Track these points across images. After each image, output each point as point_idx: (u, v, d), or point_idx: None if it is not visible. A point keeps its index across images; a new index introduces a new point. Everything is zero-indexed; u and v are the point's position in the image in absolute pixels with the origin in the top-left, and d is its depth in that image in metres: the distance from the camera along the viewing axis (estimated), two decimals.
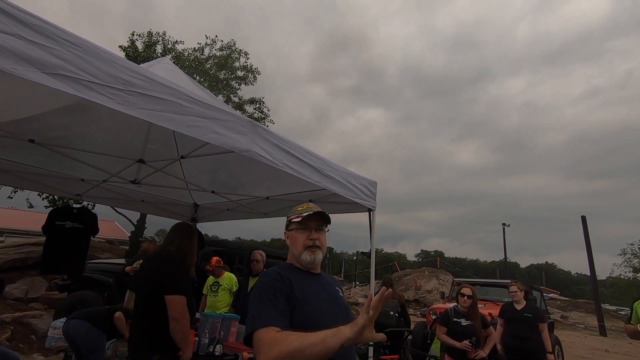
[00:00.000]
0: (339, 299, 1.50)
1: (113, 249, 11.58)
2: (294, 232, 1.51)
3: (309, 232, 1.47)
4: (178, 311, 2.34)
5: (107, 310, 3.56)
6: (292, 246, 1.51)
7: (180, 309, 2.36)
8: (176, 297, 2.35)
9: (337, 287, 1.54)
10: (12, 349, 5.09)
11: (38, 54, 1.39)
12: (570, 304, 30.90)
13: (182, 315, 2.35)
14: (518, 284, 4.53)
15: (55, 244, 4.47)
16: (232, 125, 2.14)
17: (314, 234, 1.47)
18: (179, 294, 2.37)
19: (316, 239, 1.47)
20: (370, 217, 3.69)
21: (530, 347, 4.19)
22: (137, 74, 1.72)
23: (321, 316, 1.32)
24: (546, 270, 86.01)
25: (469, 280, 10.37)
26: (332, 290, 1.50)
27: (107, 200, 5.07)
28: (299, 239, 1.48)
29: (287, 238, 1.57)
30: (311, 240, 1.46)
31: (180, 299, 2.37)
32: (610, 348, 13.52)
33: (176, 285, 2.41)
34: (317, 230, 1.50)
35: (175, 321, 2.33)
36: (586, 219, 22.82)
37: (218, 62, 16.20)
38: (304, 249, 1.45)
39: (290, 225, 1.54)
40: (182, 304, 2.37)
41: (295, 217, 1.50)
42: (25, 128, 2.75)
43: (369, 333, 1.08)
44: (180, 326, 2.34)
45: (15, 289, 7.67)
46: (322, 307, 1.37)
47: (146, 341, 2.43)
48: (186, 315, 2.38)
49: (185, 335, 2.39)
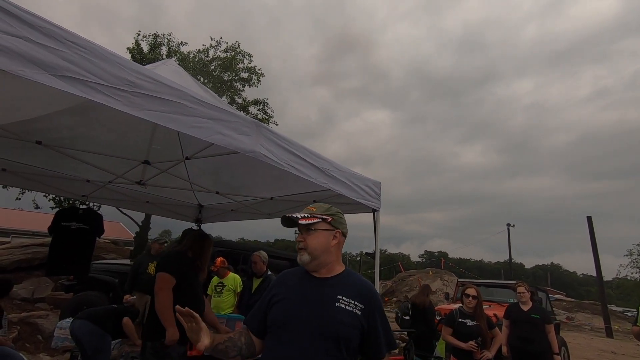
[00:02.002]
0: (327, 309, 1.34)
1: (118, 250, 11.64)
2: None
3: (297, 236, 1.50)
4: (158, 286, 2.48)
5: (113, 310, 3.58)
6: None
7: (161, 284, 2.49)
8: (160, 274, 2.51)
9: (342, 296, 1.37)
10: (19, 348, 5.13)
11: (45, 56, 1.40)
12: (576, 305, 30.64)
13: (161, 289, 2.47)
14: (525, 285, 4.49)
15: (61, 245, 4.51)
16: (237, 126, 2.15)
17: (299, 235, 1.48)
18: (163, 271, 2.52)
19: (300, 240, 1.46)
20: (375, 218, 3.68)
21: (537, 349, 4.15)
22: (143, 76, 1.73)
23: (284, 319, 1.38)
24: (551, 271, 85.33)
25: (473, 281, 10.31)
26: (324, 296, 1.38)
27: (113, 201, 5.11)
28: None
29: None
30: (298, 242, 1.49)
31: (162, 275, 2.50)
32: (617, 350, 13.37)
33: (164, 265, 2.57)
34: (306, 231, 1.46)
35: (155, 295, 2.48)
36: (592, 219, 22.63)
37: (222, 63, 16.27)
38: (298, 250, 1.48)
39: None
40: (162, 279, 2.49)
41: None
42: (32, 130, 2.77)
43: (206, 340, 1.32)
44: (157, 299, 2.47)
45: (22, 290, 7.73)
46: (289, 310, 1.38)
47: (146, 327, 2.59)
48: (165, 291, 2.47)
49: (163, 312, 2.45)
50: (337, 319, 1.33)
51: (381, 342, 1.41)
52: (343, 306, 1.35)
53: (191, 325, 1.30)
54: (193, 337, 1.31)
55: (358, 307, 1.37)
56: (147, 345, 2.49)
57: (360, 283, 1.46)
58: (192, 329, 1.31)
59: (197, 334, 1.31)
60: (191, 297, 2.60)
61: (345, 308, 1.35)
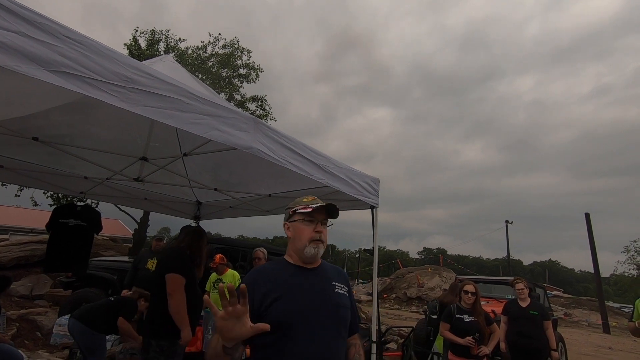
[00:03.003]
0: (331, 296, 1.39)
1: (117, 247, 11.64)
2: (298, 224, 1.42)
3: (315, 225, 1.40)
4: (171, 287, 2.50)
5: (107, 306, 3.52)
6: (296, 238, 1.42)
7: (174, 285, 2.51)
8: (171, 275, 2.53)
9: (335, 282, 1.45)
10: (18, 345, 5.13)
11: (41, 52, 1.39)
12: (574, 302, 30.77)
13: (175, 291, 2.50)
14: (524, 281, 4.51)
15: (59, 242, 4.50)
16: (235, 123, 2.14)
17: (320, 226, 1.41)
18: (174, 272, 2.54)
19: (321, 231, 1.41)
20: (373, 214, 3.68)
21: (535, 345, 4.17)
22: (140, 72, 1.72)
23: (295, 315, 1.28)
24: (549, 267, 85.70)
25: (471, 278, 10.35)
26: (324, 284, 1.41)
27: (111, 198, 5.10)
28: (305, 232, 1.40)
29: (287, 229, 1.47)
30: (317, 232, 1.39)
31: (174, 276, 2.53)
32: (614, 345, 13.46)
33: (172, 265, 2.59)
34: (325, 223, 1.44)
35: (169, 296, 2.49)
36: (590, 216, 22.72)
37: (220, 60, 16.20)
38: (309, 242, 1.38)
39: (293, 216, 1.45)
40: (175, 281, 2.52)
41: (303, 207, 1.42)
42: (29, 126, 2.76)
43: (241, 328, 1.08)
44: (173, 301, 2.48)
45: (20, 287, 7.73)
46: (298, 305, 1.30)
47: (149, 325, 2.59)
48: (179, 293, 2.51)
49: (178, 312, 2.49)
50: (340, 304, 1.41)
51: (356, 316, 1.56)
52: (339, 290, 1.44)
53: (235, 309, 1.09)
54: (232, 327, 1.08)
55: (345, 289, 1.48)
56: (152, 344, 2.48)
57: (336, 268, 1.58)
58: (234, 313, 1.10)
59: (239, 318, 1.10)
60: (192, 294, 2.63)
61: (341, 292, 1.44)
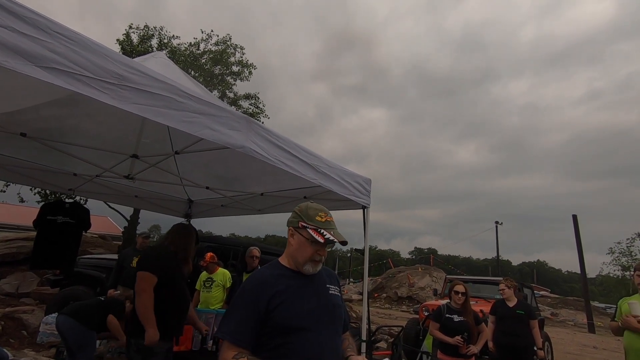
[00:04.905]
0: (328, 298, 1.49)
1: (106, 244, 11.48)
2: (305, 241, 1.45)
3: (319, 248, 1.45)
4: (139, 286, 2.46)
5: (98, 305, 3.51)
6: (297, 252, 1.46)
7: (142, 284, 2.46)
8: (141, 273, 2.48)
9: (329, 284, 1.53)
10: (3, 344, 5.05)
11: (30, 47, 1.37)
12: (561, 302, 31.28)
13: (143, 290, 2.45)
14: (507, 282, 4.59)
15: (46, 239, 4.43)
16: (227, 121, 2.14)
17: (324, 250, 1.47)
18: (145, 270, 2.49)
19: (323, 255, 1.48)
20: (365, 214, 3.70)
21: (522, 344, 4.26)
22: (132, 69, 1.70)
23: (298, 319, 1.37)
24: (537, 268, 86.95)
25: (460, 278, 10.46)
26: (321, 287, 1.50)
27: (100, 196, 5.03)
28: (308, 250, 1.44)
29: (290, 235, 1.51)
30: (319, 255, 1.46)
31: (144, 274, 2.48)
32: (599, 345, 13.74)
33: (144, 263, 2.54)
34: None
35: (137, 294, 2.46)
36: (577, 218, 23.11)
37: (213, 57, 16.09)
38: (309, 260, 1.45)
39: (302, 230, 1.47)
40: (144, 279, 2.46)
41: (316, 234, 1.44)
42: (17, 121, 2.71)
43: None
44: (139, 300, 2.44)
45: (6, 284, 7.61)
46: (300, 309, 1.38)
47: (129, 324, 2.58)
48: (146, 292, 2.45)
49: (144, 312, 2.42)
50: (337, 305, 1.52)
51: (347, 314, 1.66)
52: (333, 292, 1.54)
53: None
54: None
55: (337, 290, 1.58)
56: (131, 342, 2.47)
57: (327, 269, 1.64)
58: None
59: None
60: (175, 292, 2.58)
61: (335, 293, 1.55)
